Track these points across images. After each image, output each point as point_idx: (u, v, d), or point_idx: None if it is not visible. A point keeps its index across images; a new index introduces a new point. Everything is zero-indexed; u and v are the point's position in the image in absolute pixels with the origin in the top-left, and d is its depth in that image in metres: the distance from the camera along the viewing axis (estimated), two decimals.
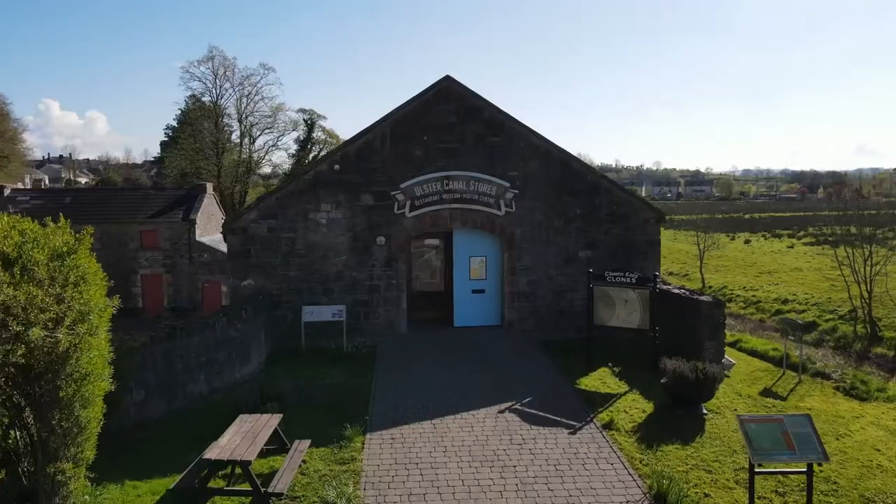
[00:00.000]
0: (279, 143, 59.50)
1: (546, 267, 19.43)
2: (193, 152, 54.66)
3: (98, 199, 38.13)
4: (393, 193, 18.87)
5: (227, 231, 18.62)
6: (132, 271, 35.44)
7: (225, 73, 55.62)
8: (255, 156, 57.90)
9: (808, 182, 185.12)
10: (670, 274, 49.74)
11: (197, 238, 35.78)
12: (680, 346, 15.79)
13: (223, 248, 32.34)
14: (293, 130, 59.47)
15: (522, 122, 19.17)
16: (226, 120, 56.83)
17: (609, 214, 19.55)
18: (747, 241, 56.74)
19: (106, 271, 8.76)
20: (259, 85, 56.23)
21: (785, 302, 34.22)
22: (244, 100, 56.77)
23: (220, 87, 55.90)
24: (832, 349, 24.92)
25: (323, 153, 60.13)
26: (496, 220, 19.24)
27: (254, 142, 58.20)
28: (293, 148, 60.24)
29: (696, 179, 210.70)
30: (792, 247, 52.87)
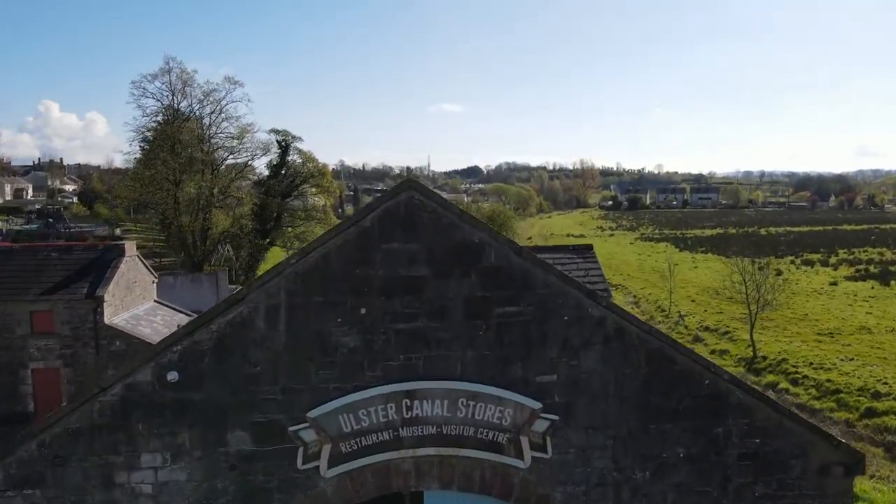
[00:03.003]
0: (246, 170, 49.71)
1: None
2: (147, 180, 45.62)
3: None
4: (294, 429, 8.98)
5: None
6: (21, 365, 27.68)
7: (183, 88, 46.31)
8: (218, 184, 48.07)
9: (815, 187, 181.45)
10: (706, 329, 40.68)
11: (107, 320, 28.58)
12: None
13: (143, 331, 27.54)
14: (264, 154, 49.70)
15: (562, 271, 9.22)
16: (185, 143, 47.27)
17: (746, 455, 9.54)
18: (779, 273, 50.52)
19: None
20: (224, 102, 46.79)
21: (876, 396, 26.79)
22: (206, 119, 47.31)
23: (178, 104, 46.50)
24: None
25: (298, 181, 49.68)
26: (512, 474, 9.30)
27: (217, 169, 48.46)
28: (265, 174, 50.40)
29: (701, 185, 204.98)
30: (835, 283, 48.90)
